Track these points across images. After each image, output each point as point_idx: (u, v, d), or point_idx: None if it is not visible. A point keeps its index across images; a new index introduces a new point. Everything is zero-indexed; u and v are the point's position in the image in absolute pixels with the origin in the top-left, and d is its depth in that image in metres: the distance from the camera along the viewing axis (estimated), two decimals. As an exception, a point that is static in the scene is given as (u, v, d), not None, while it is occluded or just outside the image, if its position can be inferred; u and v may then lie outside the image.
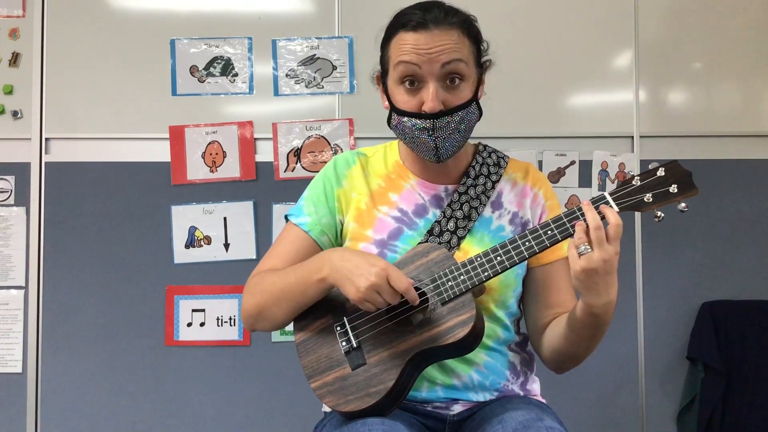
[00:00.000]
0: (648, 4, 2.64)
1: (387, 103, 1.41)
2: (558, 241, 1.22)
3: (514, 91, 2.58)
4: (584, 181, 2.59)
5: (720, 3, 2.67)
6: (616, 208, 1.20)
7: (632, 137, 2.63)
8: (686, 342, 2.61)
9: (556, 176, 2.59)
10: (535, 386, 1.45)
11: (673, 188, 1.20)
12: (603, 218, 1.18)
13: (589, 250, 1.16)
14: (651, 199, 1.20)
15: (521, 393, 1.41)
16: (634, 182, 1.22)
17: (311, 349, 1.32)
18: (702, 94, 2.67)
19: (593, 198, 1.22)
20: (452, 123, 1.33)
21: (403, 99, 1.34)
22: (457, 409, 1.36)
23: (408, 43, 1.31)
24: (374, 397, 1.23)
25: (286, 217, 1.47)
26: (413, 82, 1.32)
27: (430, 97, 1.30)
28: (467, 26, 1.35)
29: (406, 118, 1.34)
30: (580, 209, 1.21)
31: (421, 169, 1.44)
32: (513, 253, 1.24)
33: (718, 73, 2.67)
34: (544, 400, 1.44)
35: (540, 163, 2.58)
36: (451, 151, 1.36)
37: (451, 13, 1.33)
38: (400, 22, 1.33)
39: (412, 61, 1.30)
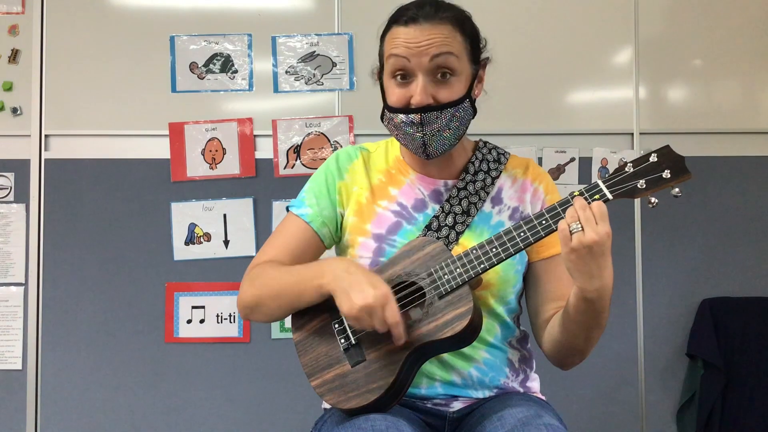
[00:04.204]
0: (648, 1, 2.64)
1: None
2: (552, 231, 1.22)
3: (514, 88, 2.58)
4: (584, 178, 2.59)
5: (720, 0, 2.67)
6: (609, 196, 1.20)
7: (632, 134, 2.63)
8: (686, 339, 2.61)
9: (555, 173, 2.59)
10: (534, 384, 1.45)
11: (666, 174, 1.19)
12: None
13: (580, 228, 1.16)
14: (644, 186, 1.20)
15: (521, 390, 1.41)
16: (626, 169, 1.21)
17: (310, 348, 1.32)
18: (702, 90, 2.67)
19: (587, 186, 1.22)
20: (442, 119, 1.32)
21: (394, 92, 1.34)
22: (456, 406, 1.36)
23: (399, 37, 1.32)
24: (375, 393, 1.23)
25: (287, 208, 1.47)
26: (404, 76, 1.33)
27: (419, 91, 1.30)
28: (460, 21, 1.35)
29: (394, 114, 1.34)
30: (573, 196, 1.21)
31: (421, 165, 1.44)
32: (508, 244, 1.24)
33: (718, 70, 2.67)
34: (543, 397, 1.44)
35: (540, 159, 2.58)
36: (442, 149, 1.36)
37: (443, 8, 1.34)
38: (394, 18, 1.35)
39: (402, 54, 1.30)
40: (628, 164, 1.21)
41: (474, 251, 1.25)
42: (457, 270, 1.25)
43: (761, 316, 2.60)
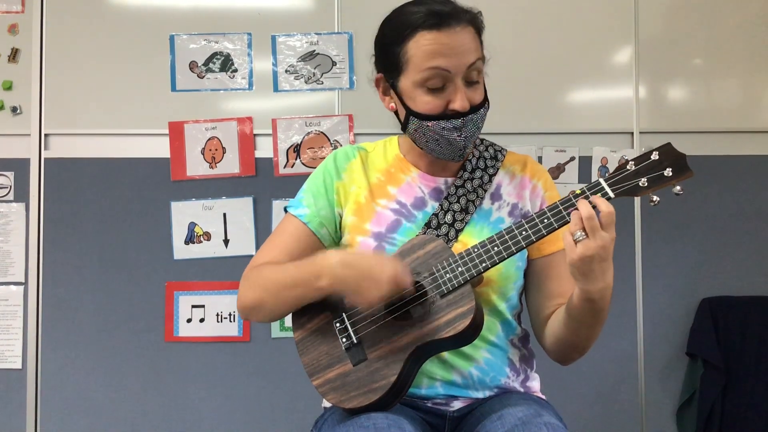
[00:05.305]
0: (648, 1, 2.64)
1: (393, 105, 1.40)
2: (554, 229, 1.22)
3: (514, 87, 2.58)
4: (584, 177, 2.59)
5: (720, 0, 2.67)
6: (611, 194, 1.20)
7: (632, 133, 2.63)
8: (686, 338, 2.61)
9: (555, 172, 2.59)
10: (535, 383, 1.45)
11: (668, 171, 1.19)
12: (596, 208, 1.17)
13: (585, 236, 1.15)
14: (646, 184, 1.19)
15: (521, 390, 1.41)
16: (628, 167, 1.21)
17: (311, 347, 1.32)
18: (702, 90, 2.67)
19: (589, 185, 1.21)
20: (477, 120, 1.34)
21: (426, 101, 1.32)
22: (456, 405, 1.36)
23: (434, 43, 1.29)
24: (377, 393, 1.23)
25: (285, 209, 1.47)
26: (439, 82, 1.31)
27: (461, 97, 1.30)
28: (477, 23, 1.35)
29: (431, 122, 1.32)
30: (575, 195, 1.20)
31: (425, 163, 1.44)
32: (510, 243, 1.23)
33: (718, 69, 2.67)
34: (543, 397, 1.44)
35: (540, 158, 2.58)
36: (471, 147, 1.39)
37: (464, 10, 1.33)
38: (415, 21, 1.30)
39: (443, 65, 1.29)
40: (630, 162, 1.21)
41: (476, 249, 1.25)
42: (459, 269, 1.24)
43: (761, 315, 2.60)
